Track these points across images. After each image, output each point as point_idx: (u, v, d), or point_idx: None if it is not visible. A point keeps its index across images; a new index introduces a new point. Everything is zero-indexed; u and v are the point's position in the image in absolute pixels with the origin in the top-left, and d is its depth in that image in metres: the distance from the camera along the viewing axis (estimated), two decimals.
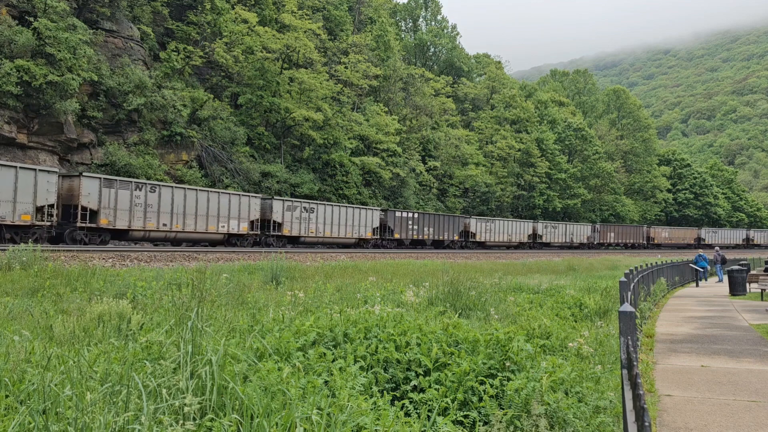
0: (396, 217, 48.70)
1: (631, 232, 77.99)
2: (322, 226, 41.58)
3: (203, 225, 33.41)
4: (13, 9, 32.35)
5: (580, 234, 71.51)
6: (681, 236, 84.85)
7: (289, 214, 39.32)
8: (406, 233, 49.10)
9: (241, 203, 35.78)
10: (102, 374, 4.83)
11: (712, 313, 15.43)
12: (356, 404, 4.54)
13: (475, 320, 10.57)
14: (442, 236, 53.10)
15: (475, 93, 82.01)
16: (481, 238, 58.22)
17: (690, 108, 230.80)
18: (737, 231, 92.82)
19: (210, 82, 48.22)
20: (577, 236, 70.77)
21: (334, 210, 42.83)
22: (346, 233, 43.47)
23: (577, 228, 71.59)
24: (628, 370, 4.04)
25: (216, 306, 10.09)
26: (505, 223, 62.20)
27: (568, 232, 69.73)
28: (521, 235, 63.39)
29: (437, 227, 52.62)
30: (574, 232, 70.64)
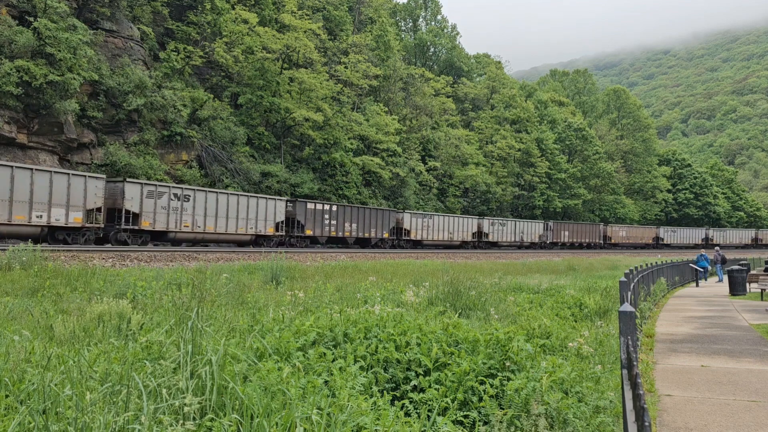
0: (308, 209, 41.11)
1: (586, 231, 73.20)
2: (202, 219, 33.81)
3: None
4: (13, 9, 32.34)
5: (532, 232, 65.96)
6: (639, 235, 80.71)
7: None
8: (321, 229, 42.02)
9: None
10: (102, 374, 4.83)
11: (712, 313, 15.43)
12: (356, 404, 4.54)
13: (475, 320, 10.57)
14: (369, 233, 46.36)
15: (475, 93, 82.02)
16: (417, 236, 51.38)
17: (690, 108, 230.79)
18: (697, 231, 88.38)
19: (210, 82, 48.22)
20: (528, 235, 65.37)
21: (220, 199, 34.86)
22: (237, 228, 35.92)
23: (528, 226, 65.79)
24: (628, 370, 4.04)
25: (216, 306, 10.09)
26: (446, 220, 55.26)
27: (518, 230, 63.81)
28: (464, 233, 56.74)
29: (362, 223, 45.79)
30: (524, 231, 64.90)
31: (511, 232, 62.81)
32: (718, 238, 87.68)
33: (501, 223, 61.79)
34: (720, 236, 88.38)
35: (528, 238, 65.12)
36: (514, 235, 63.20)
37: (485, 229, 59.39)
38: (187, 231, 33.02)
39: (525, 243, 64.75)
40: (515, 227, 63.53)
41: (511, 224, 63.16)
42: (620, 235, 77.86)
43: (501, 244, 61.66)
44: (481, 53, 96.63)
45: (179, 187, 33.20)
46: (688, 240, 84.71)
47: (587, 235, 73.10)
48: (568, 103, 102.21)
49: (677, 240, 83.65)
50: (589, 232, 73.70)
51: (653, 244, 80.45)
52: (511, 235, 62.68)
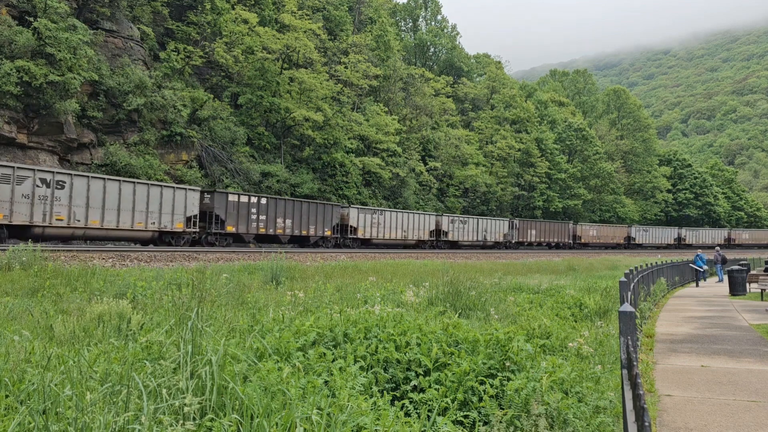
0: (229, 202, 34.94)
1: (555, 230, 68.45)
2: (83, 211, 27.85)
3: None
4: (13, 9, 32.35)
5: (496, 231, 60.34)
6: (610, 235, 76.32)
7: None
8: (246, 225, 35.95)
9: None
10: (102, 374, 4.83)
11: (712, 313, 15.43)
12: (356, 404, 4.54)
13: (475, 320, 10.57)
14: (308, 230, 40.92)
15: (475, 93, 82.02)
16: (366, 233, 45.77)
17: (690, 108, 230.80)
18: (669, 230, 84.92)
19: (210, 82, 48.22)
20: (492, 234, 59.82)
21: (109, 187, 28.85)
22: (133, 223, 30.02)
23: (492, 224, 60.15)
24: (628, 370, 4.04)
25: (216, 306, 10.09)
26: (399, 216, 49.06)
27: (480, 228, 58.23)
28: (420, 231, 51.29)
29: (299, 218, 40.13)
30: (488, 229, 59.36)
31: (473, 230, 57.35)
32: (691, 238, 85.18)
33: (462, 220, 56.29)
34: (693, 236, 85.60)
35: (492, 237, 59.75)
36: (477, 234, 57.75)
37: (444, 226, 53.74)
38: (60, 226, 27.19)
39: (488, 242, 59.53)
40: (478, 225, 58.19)
41: (473, 222, 57.72)
42: (590, 235, 73.53)
43: (462, 243, 56.15)
44: (481, 53, 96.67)
45: (49, 170, 27.00)
46: (660, 240, 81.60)
47: (556, 234, 68.47)
48: (568, 103, 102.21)
49: (649, 240, 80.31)
50: (558, 232, 68.88)
51: (624, 243, 77.30)
52: (473, 233, 57.27)
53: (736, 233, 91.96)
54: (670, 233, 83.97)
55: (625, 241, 77.37)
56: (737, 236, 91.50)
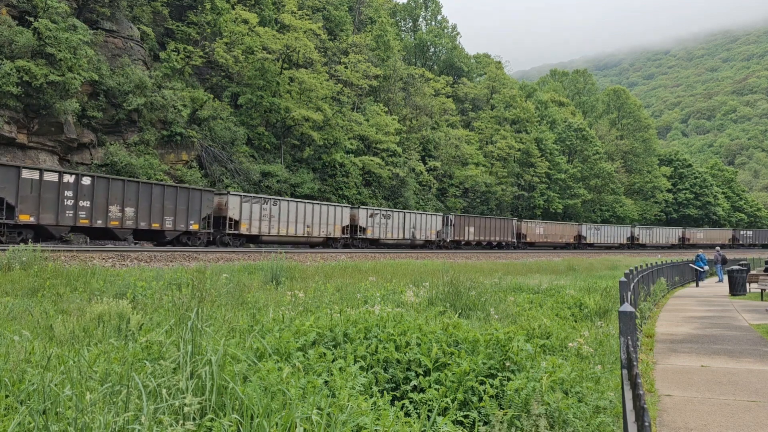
0: (23, 180, 24.80)
1: (497, 228, 60.74)
2: None
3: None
4: (13, 9, 32.35)
5: (427, 228, 52.08)
6: (559, 233, 69.60)
7: None
8: (56, 215, 25.99)
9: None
10: (102, 374, 4.83)
11: (712, 313, 15.43)
12: (356, 404, 4.54)
13: (475, 320, 10.57)
14: (162, 223, 30.84)
15: (475, 93, 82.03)
16: (252, 229, 36.11)
17: (690, 108, 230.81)
18: (622, 228, 79.13)
19: (210, 82, 48.22)
20: (423, 231, 51.57)
21: None
22: None
23: (422, 220, 51.77)
24: (628, 370, 4.04)
25: (216, 306, 10.09)
26: (301, 208, 40.00)
27: (408, 224, 49.93)
28: (330, 227, 42.47)
29: (148, 207, 30.11)
30: (417, 225, 50.96)
31: (399, 227, 48.97)
32: (644, 237, 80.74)
33: (385, 214, 47.50)
34: (646, 235, 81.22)
35: (422, 235, 51.44)
36: (403, 231, 49.44)
37: (362, 221, 45.41)
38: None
39: (418, 241, 51.10)
40: (404, 221, 49.53)
41: (398, 217, 48.99)
42: (537, 233, 66.76)
43: (385, 241, 47.71)
44: (481, 53, 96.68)
45: None
46: (612, 239, 76.21)
47: (498, 232, 60.99)
48: (568, 103, 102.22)
49: (601, 239, 74.70)
50: (501, 229, 61.44)
51: (575, 243, 71.63)
52: (399, 230, 48.91)
53: (691, 232, 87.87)
54: (623, 232, 78.64)
55: (575, 240, 71.89)
56: (692, 236, 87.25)
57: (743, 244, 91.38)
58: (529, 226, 66.13)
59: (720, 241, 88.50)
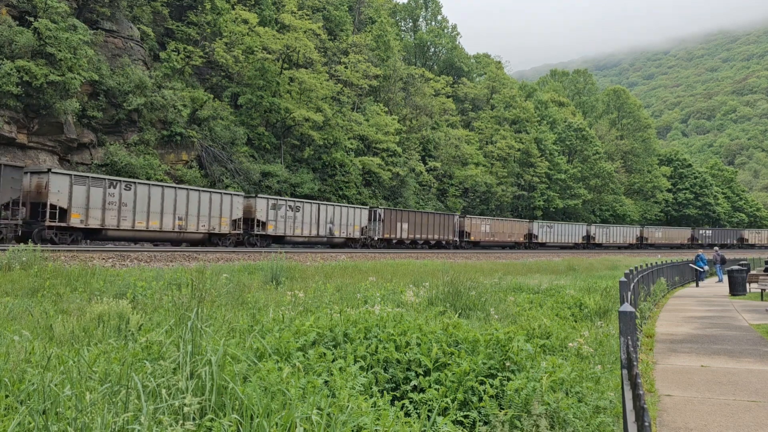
0: None
1: (435, 224, 52.95)
2: None
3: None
4: (13, 9, 32.35)
5: (349, 224, 44.24)
6: (507, 232, 62.77)
7: None
8: None
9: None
10: (102, 374, 4.83)
11: (712, 313, 15.43)
12: (356, 404, 4.54)
13: (475, 320, 10.56)
14: None
15: (475, 93, 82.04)
16: (94, 221, 28.05)
17: (690, 108, 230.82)
18: (577, 227, 73.42)
19: (210, 82, 48.22)
20: (343, 227, 43.58)
21: None
22: None
23: (342, 213, 43.67)
24: (628, 370, 4.04)
25: (216, 306, 10.09)
26: (174, 195, 31.34)
27: (324, 218, 41.92)
28: (215, 220, 33.87)
29: None
30: (337, 221, 42.88)
31: (311, 221, 40.93)
32: (601, 236, 75.86)
33: (292, 206, 39.53)
34: (603, 234, 76.40)
35: (342, 232, 43.58)
36: (317, 227, 41.31)
37: (261, 214, 37.29)
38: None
39: (337, 239, 43.38)
40: (318, 214, 41.46)
41: (310, 210, 40.79)
42: (482, 231, 59.49)
43: (292, 239, 39.87)
44: (481, 53, 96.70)
45: None
46: (567, 238, 70.58)
47: (437, 229, 53.10)
48: (568, 103, 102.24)
49: (554, 238, 69.07)
50: (440, 226, 53.52)
51: (525, 242, 66.19)
52: (311, 226, 40.89)
53: (649, 231, 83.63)
54: (578, 231, 72.93)
55: (525, 239, 66.44)
56: (650, 235, 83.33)
57: (702, 243, 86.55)
58: (474, 223, 58.34)
59: (678, 241, 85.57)
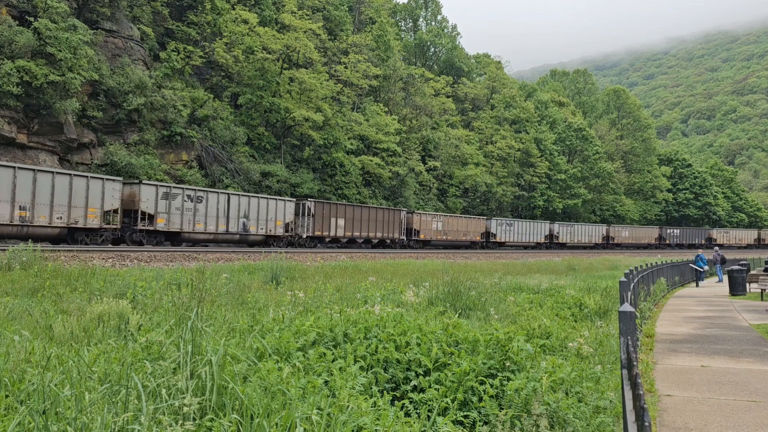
0: None
1: (379, 220, 46.82)
2: None
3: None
4: (13, 9, 32.35)
5: (268, 218, 37.34)
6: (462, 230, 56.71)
7: None
8: None
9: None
10: (101, 374, 4.83)
11: (712, 313, 15.43)
12: (356, 404, 4.54)
13: (475, 320, 10.56)
14: None
15: (475, 93, 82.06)
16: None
17: (690, 108, 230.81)
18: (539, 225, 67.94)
19: (210, 82, 48.22)
20: (262, 222, 36.82)
21: None
22: None
23: (260, 206, 36.76)
24: (628, 370, 4.04)
25: (216, 306, 10.09)
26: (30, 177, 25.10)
27: (236, 211, 34.90)
28: (79, 210, 26.97)
29: None
30: (252, 213, 36.12)
31: (219, 214, 33.54)
32: (565, 235, 70.72)
33: (192, 196, 32.04)
34: (567, 233, 71.15)
35: (261, 228, 36.59)
36: (227, 222, 34.06)
37: (148, 205, 30.01)
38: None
39: (254, 236, 36.33)
40: (228, 206, 34.17)
41: (219, 201, 33.68)
42: (433, 229, 52.88)
43: (192, 237, 32.69)
44: (481, 53, 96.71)
45: None
46: (528, 237, 65.69)
47: (381, 226, 46.58)
48: (568, 103, 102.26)
49: (514, 237, 63.61)
50: (385, 223, 46.98)
51: (482, 241, 59.83)
52: (219, 220, 33.57)
53: (615, 230, 79.80)
54: (540, 229, 67.60)
55: (482, 238, 59.93)
56: (616, 234, 79.56)
57: (670, 243, 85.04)
58: (424, 220, 52.02)
59: (646, 240, 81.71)
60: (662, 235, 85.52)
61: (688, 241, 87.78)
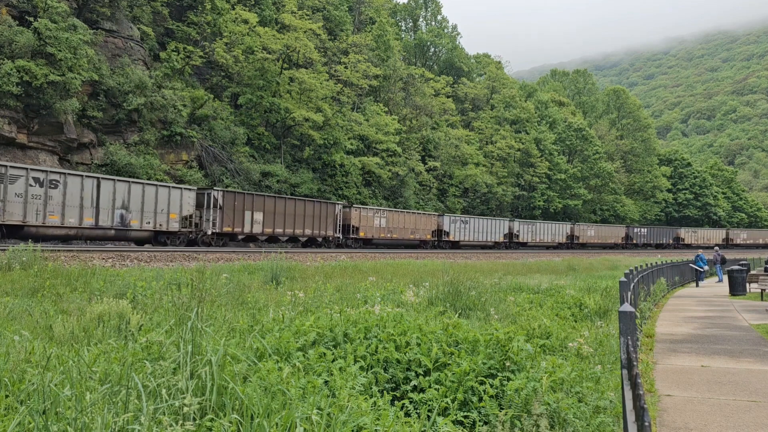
0: None
1: (309, 215, 39.94)
2: None
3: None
4: (13, 9, 32.35)
5: (158, 210, 30.32)
6: (410, 227, 50.85)
7: None
8: None
9: None
10: (102, 374, 4.83)
11: (712, 313, 15.43)
12: (356, 404, 4.54)
13: (475, 320, 10.56)
14: None
15: (475, 93, 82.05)
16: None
17: (690, 108, 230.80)
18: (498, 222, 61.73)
19: (210, 82, 48.22)
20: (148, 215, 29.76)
21: None
22: None
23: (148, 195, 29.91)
24: (628, 370, 4.04)
25: (216, 306, 10.09)
26: None
27: (113, 200, 28.25)
28: None
29: None
30: (135, 204, 29.29)
31: (87, 204, 27.27)
32: (525, 234, 64.39)
33: (42, 180, 25.68)
34: (528, 231, 64.78)
35: (146, 222, 29.73)
36: (96, 214, 27.72)
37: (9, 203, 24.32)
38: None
39: (136, 232, 29.66)
40: (97, 195, 27.73)
41: (85, 186, 27.23)
42: (375, 226, 46.72)
43: (41, 232, 25.94)
44: (481, 53, 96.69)
45: None
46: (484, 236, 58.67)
47: (310, 222, 40.38)
48: (569, 103, 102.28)
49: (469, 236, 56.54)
50: (316, 219, 40.93)
51: (434, 240, 53.97)
52: (87, 211, 27.31)
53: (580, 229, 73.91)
54: (499, 227, 60.90)
55: (433, 236, 53.64)
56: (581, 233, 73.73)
57: (637, 243, 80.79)
58: (365, 216, 45.92)
59: (612, 240, 77.16)
60: (629, 234, 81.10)
61: (656, 240, 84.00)
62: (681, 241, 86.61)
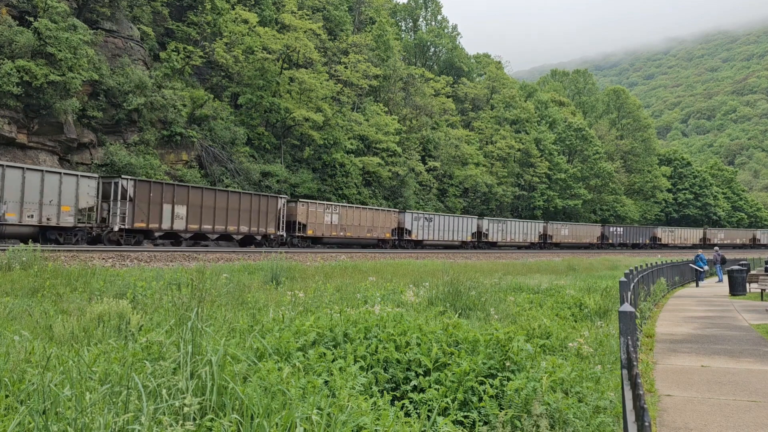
0: None
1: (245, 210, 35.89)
2: None
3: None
4: (13, 9, 32.34)
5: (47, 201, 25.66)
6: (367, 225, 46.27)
7: None
8: None
9: None
10: (102, 374, 4.83)
11: (712, 313, 15.43)
12: (356, 404, 4.54)
13: (475, 320, 10.56)
14: None
15: (475, 93, 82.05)
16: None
17: (690, 108, 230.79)
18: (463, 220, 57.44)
19: (210, 82, 48.21)
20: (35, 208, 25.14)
21: None
22: None
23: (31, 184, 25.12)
24: (628, 370, 4.04)
25: (216, 306, 10.09)
26: None
27: None
28: None
29: None
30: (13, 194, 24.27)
31: None
32: (495, 233, 60.64)
33: None
34: (497, 230, 61.09)
35: (29, 217, 25.22)
36: None
37: None
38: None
39: (16, 228, 25.04)
40: None
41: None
42: (326, 223, 42.39)
43: None
44: (481, 53, 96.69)
45: None
46: (450, 235, 55.29)
47: (247, 217, 36.27)
48: (569, 103, 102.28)
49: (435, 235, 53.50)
50: (254, 214, 36.81)
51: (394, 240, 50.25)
52: None
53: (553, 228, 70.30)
54: (467, 226, 57.12)
55: (394, 235, 49.43)
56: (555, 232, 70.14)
57: (613, 243, 78.15)
58: (313, 211, 41.18)
59: (587, 240, 74.51)
60: (605, 233, 77.87)
61: (632, 240, 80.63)
62: (658, 241, 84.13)
